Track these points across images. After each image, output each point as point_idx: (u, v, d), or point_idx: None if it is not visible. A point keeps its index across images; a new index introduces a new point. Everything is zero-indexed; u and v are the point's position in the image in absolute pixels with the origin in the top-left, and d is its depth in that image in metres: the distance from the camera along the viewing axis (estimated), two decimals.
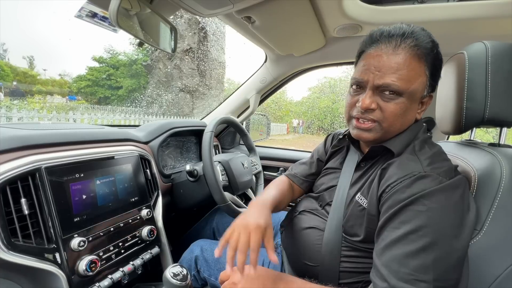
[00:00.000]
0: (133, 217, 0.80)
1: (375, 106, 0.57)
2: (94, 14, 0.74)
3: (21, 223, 0.57)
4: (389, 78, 0.54)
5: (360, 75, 0.58)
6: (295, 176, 0.88)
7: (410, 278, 0.46)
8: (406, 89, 0.54)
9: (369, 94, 0.57)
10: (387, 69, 0.54)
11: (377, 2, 0.92)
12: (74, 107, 13.33)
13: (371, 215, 0.58)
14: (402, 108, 0.56)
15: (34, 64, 22.49)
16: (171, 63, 10.02)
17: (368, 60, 0.57)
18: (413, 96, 0.56)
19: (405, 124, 0.60)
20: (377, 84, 0.56)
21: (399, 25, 0.57)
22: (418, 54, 0.54)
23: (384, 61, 0.55)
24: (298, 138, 12.34)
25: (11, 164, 0.58)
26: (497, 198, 0.50)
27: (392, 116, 0.57)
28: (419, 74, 0.55)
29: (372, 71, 0.56)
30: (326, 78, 13.20)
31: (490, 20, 0.85)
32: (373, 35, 0.58)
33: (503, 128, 0.62)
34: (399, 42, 0.54)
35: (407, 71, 0.54)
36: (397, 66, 0.54)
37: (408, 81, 0.54)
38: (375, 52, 0.57)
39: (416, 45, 0.54)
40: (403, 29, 0.55)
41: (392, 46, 0.55)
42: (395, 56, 0.54)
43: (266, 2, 0.79)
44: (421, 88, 0.57)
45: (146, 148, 0.99)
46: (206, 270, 0.87)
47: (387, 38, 0.56)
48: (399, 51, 0.54)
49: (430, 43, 0.55)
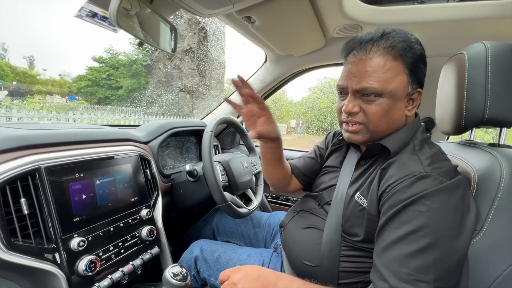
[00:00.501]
0: (133, 217, 0.80)
1: (358, 110, 0.60)
2: (94, 14, 0.74)
3: (21, 223, 0.57)
4: (365, 82, 0.57)
5: (342, 82, 0.62)
6: (296, 167, 0.90)
7: (411, 278, 0.46)
8: (384, 89, 0.57)
9: (351, 98, 0.60)
10: (362, 74, 0.58)
11: (377, 2, 0.92)
12: (74, 107, 13.33)
13: (371, 215, 0.58)
14: (384, 108, 0.58)
15: (34, 64, 22.49)
16: (171, 63, 10.01)
17: (347, 67, 0.61)
18: (394, 95, 0.58)
19: (392, 123, 0.61)
20: (355, 88, 0.59)
21: (370, 31, 0.60)
22: (392, 54, 0.57)
23: (360, 66, 0.58)
24: (298, 138, 12.34)
25: (11, 164, 0.58)
26: (497, 198, 0.50)
27: (375, 117, 0.59)
28: (396, 73, 0.57)
29: (350, 77, 0.60)
30: (326, 78, 13.20)
31: (490, 21, 0.85)
32: (348, 43, 0.63)
33: (503, 128, 0.62)
34: (370, 46, 0.58)
35: (382, 73, 0.56)
36: (372, 70, 0.57)
37: (385, 81, 0.56)
38: (351, 59, 0.60)
39: (388, 46, 0.57)
40: (371, 34, 0.59)
41: (364, 52, 0.58)
42: (369, 61, 0.57)
43: (266, 2, 0.79)
44: (402, 86, 0.58)
45: (146, 148, 0.99)
46: (206, 270, 0.87)
47: (359, 45, 0.59)
48: (371, 55, 0.57)
49: (402, 42, 0.57)
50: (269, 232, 1.06)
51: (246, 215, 1.04)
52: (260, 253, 0.87)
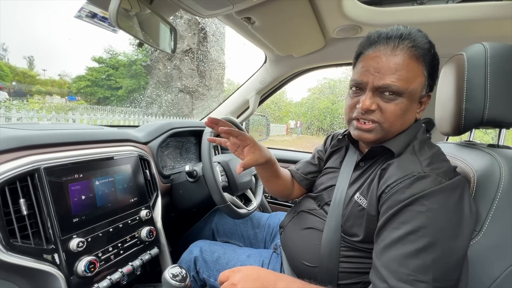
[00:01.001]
0: (132, 217, 0.80)
1: (375, 107, 0.57)
2: (94, 14, 0.74)
3: (20, 224, 0.57)
4: (388, 79, 0.55)
5: (360, 76, 0.59)
6: (296, 172, 0.90)
7: (410, 278, 0.46)
8: (405, 89, 0.55)
9: (369, 95, 0.57)
10: (386, 70, 0.55)
11: (377, 3, 0.92)
12: (74, 107, 13.31)
13: (371, 215, 0.58)
14: (402, 109, 0.57)
15: (34, 64, 22.48)
16: (171, 64, 10.01)
17: (366, 62, 0.58)
18: (413, 96, 0.57)
19: (405, 124, 0.60)
20: (377, 85, 0.56)
21: (396, 27, 0.58)
22: (416, 55, 0.55)
23: (383, 62, 0.55)
24: (297, 139, 12.34)
25: (10, 164, 0.57)
26: (496, 199, 0.50)
27: (392, 117, 0.57)
28: (417, 74, 0.56)
29: (372, 72, 0.57)
30: (325, 79, 13.19)
31: (489, 22, 0.86)
32: (371, 37, 0.59)
33: (502, 129, 0.62)
34: (397, 43, 0.55)
35: (406, 72, 0.55)
36: (396, 67, 0.55)
37: (407, 81, 0.55)
38: (373, 53, 0.57)
39: (413, 46, 0.55)
40: (400, 31, 0.56)
41: (390, 48, 0.56)
42: (393, 57, 0.55)
43: (266, 3, 0.79)
44: (420, 88, 0.57)
45: (145, 148, 0.99)
46: (205, 271, 0.87)
47: (385, 40, 0.56)
48: (397, 52, 0.55)
49: (427, 44, 0.56)
50: (269, 233, 1.06)
51: (245, 215, 1.04)
52: (259, 253, 0.87)
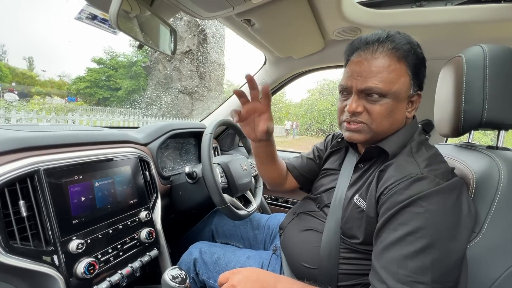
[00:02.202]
0: (132, 219, 0.80)
1: (362, 109, 0.60)
2: (94, 16, 0.75)
3: (19, 225, 0.57)
4: (370, 82, 0.57)
5: (345, 81, 0.62)
6: (294, 168, 0.90)
7: (408, 279, 0.46)
8: (388, 90, 0.57)
9: (355, 98, 0.60)
10: (368, 74, 0.58)
11: (376, 5, 0.93)
12: (73, 108, 13.30)
13: (370, 217, 0.58)
14: (387, 109, 0.58)
15: (34, 65, 22.49)
16: (171, 65, 10.02)
17: (351, 67, 0.61)
18: (398, 96, 0.58)
19: (394, 123, 0.61)
20: (360, 88, 0.59)
21: (375, 32, 0.61)
22: (397, 55, 0.57)
23: (365, 66, 0.58)
24: (297, 140, 12.34)
25: (10, 166, 0.57)
26: (495, 201, 0.51)
27: (379, 117, 0.59)
28: (400, 74, 0.58)
29: (355, 76, 0.60)
30: (325, 80, 13.18)
31: (488, 24, 0.86)
32: (353, 43, 0.63)
33: (501, 131, 0.62)
34: (376, 47, 0.58)
35: (387, 73, 0.57)
36: (377, 70, 0.57)
37: (390, 82, 0.57)
38: (356, 59, 0.61)
39: (393, 48, 0.57)
40: (378, 35, 0.59)
41: (370, 52, 0.59)
42: (374, 61, 0.58)
43: (266, 5, 0.80)
44: (405, 88, 0.59)
45: (145, 150, 0.99)
46: (205, 273, 0.87)
47: (364, 45, 0.60)
48: (377, 55, 0.58)
49: (407, 45, 0.58)
50: (269, 234, 1.06)
51: (245, 217, 1.04)
52: (259, 255, 0.87)
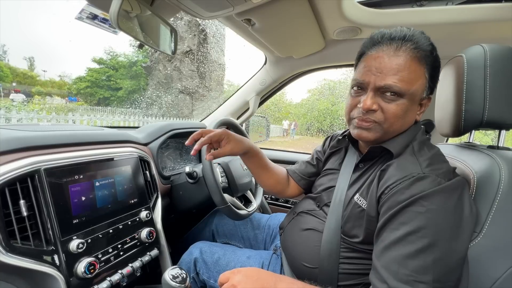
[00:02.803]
0: (132, 219, 0.80)
1: (377, 107, 0.58)
2: (94, 16, 0.75)
3: (20, 225, 0.57)
4: (390, 80, 0.55)
5: (361, 76, 0.59)
6: (294, 172, 0.90)
7: (410, 279, 0.46)
8: (407, 90, 0.55)
9: (371, 95, 0.58)
10: (388, 71, 0.55)
11: (376, 5, 0.93)
12: (74, 108, 13.31)
13: (371, 216, 0.58)
14: (403, 109, 0.57)
15: (34, 65, 22.52)
16: (171, 65, 10.02)
17: (369, 62, 0.58)
18: (414, 97, 0.57)
19: (405, 125, 0.60)
20: (378, 85, 0.56)
21: (400, 28, 0.58)
22: (418, 56, 0.55)
23: (386, 62, 0.56)
24: (298, 140, 12.32)
25: (10, 165, 0.57)
26: (496, 201, 0.50)
27: (393, 117, 0.57)
28: (419, 76, 0.56)
29: (374, 72, 0.57)
30: (325, 80, 13.15)
31: (489, 23, 0.86)
32: (374, 37, 0.59)
33: (502, 131, 0.62)
34: (400, 44, 0.55)
35: (408, 73, 0.55)
36: (398, 68, 0.55)
37: (409, 82, 0.55)
38: (376, 54, 0.57)
39: (416, 47, 0.55)
40: (404, 32, 0.56)
41: (393, 48, 0.56)
42: (396, 58, 0.55)
43: (266, 5, 0.80)
44: (421, 90, 0.58)
45: (145, 149, 0.99)
46: (205, 272, 0.87)
47: (388, 40, 0.57)
48: (400, 53, 0.55)
49: (429, 46, 0.56)
50: (269, 234, 1.06)
51: (245, 217, 1.04)
52: (259, 255, 0.87)
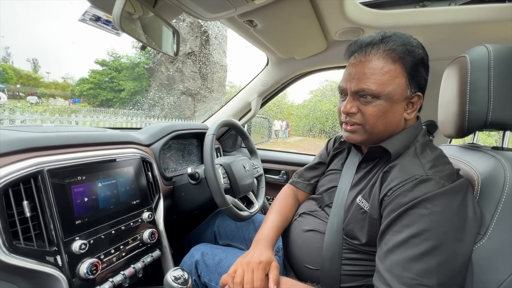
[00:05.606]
0: (135, 220, 0.80)
1: (355, 110, 0.61)
2: (97, 18, 0.75)
3: (23, 226, 0.57)
4: (363, 84, 0.58)
5: (342, 83, 0.64)
6: (298, 182, 0.90)
7: (414, 282, 0.45)
8: (381, 91, 0.57)
9: (349, 99, 0.62)
10: (361, 76, 0.59)
11: (379, 6, 0.92)
12: (77, 110, 13.40)
13: (373, 218, 0.57)
14: (380, 110, 0.59)
15: (38, 67, 22.73)
16: (173, 66, 10.08)
17: (348, 69, 0.63)
18: (391, 97, 0.58)
19: (389, 124, 0.61)
20: (354, 90, 0.60)
21: (370, 34, 0.62)
22: (392, 57, 0.58)
23: (359, 68, 0.59)
24: (299, 141, 12.30)
25: (14, 166, 0.58)
26: (501, 202, 0.50)
27: (372, 118, 0.60)
28: (394, 76, 0.58)
29: (349, 79, 0.61)
30: (327, 81, 13.15)
31: (492, 24, 0.85)
32: (350, 46, 0.64)
33: (506, 132, 0.62)
34: (370, 49, 0.59)
35: (380, 75, 0.57)
36: (370, 72, 0.58)
37: (383, 84, 0.57)
38: (352, 61, 0.62)
39: (387, 49, 0.58)
40: (371, 37, 0.60)
41: (364, 54, 0.60)
42: (368, 63, 0.59)
43: (268, 6, 0.80)
44: (400, 89, 0.58)
45: (148, 150, 0.99)
46: (207, 275, 0.86)
47: (359, 48, 0.61)
48: (371, 58, 0.59)
49: (402, 46, 0.58)
50: None
51: (247, 218, 1.04)
52: None
